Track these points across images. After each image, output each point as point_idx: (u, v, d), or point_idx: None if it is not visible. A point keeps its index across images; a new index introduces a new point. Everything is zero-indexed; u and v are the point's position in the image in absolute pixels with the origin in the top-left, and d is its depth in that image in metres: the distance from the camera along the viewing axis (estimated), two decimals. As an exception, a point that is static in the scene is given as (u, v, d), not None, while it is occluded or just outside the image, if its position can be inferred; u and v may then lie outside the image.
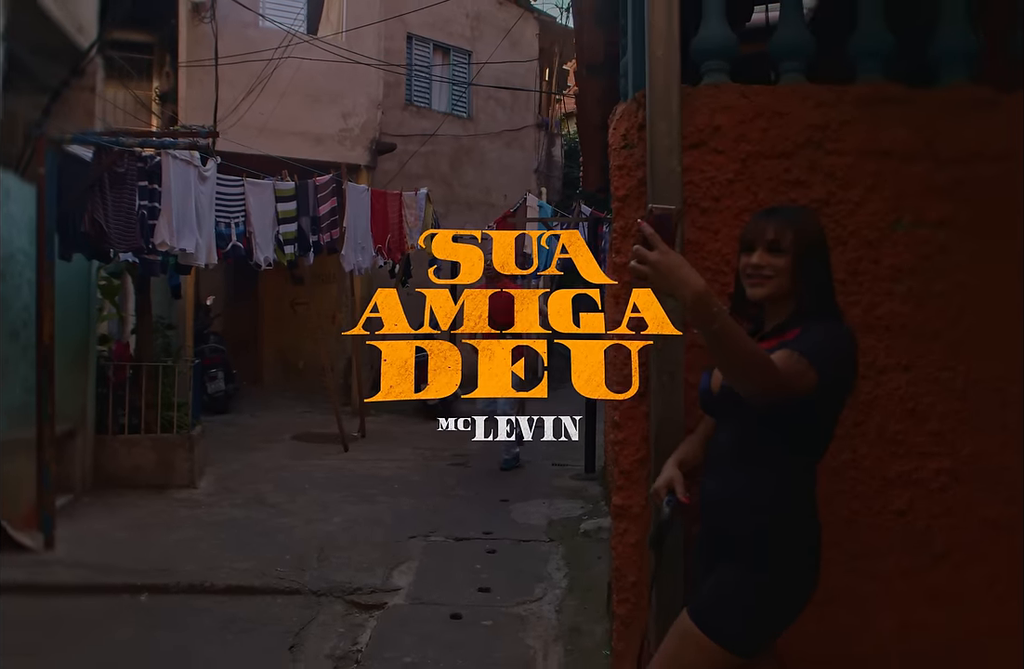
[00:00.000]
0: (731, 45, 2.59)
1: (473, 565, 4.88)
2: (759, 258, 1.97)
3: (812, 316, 1.98)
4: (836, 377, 1.93)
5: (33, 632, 3.73)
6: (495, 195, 13.66)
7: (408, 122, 12.61)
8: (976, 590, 2.56)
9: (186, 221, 5.39)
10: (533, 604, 4.29)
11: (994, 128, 2.53)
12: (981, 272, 2.55)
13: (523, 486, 6.94)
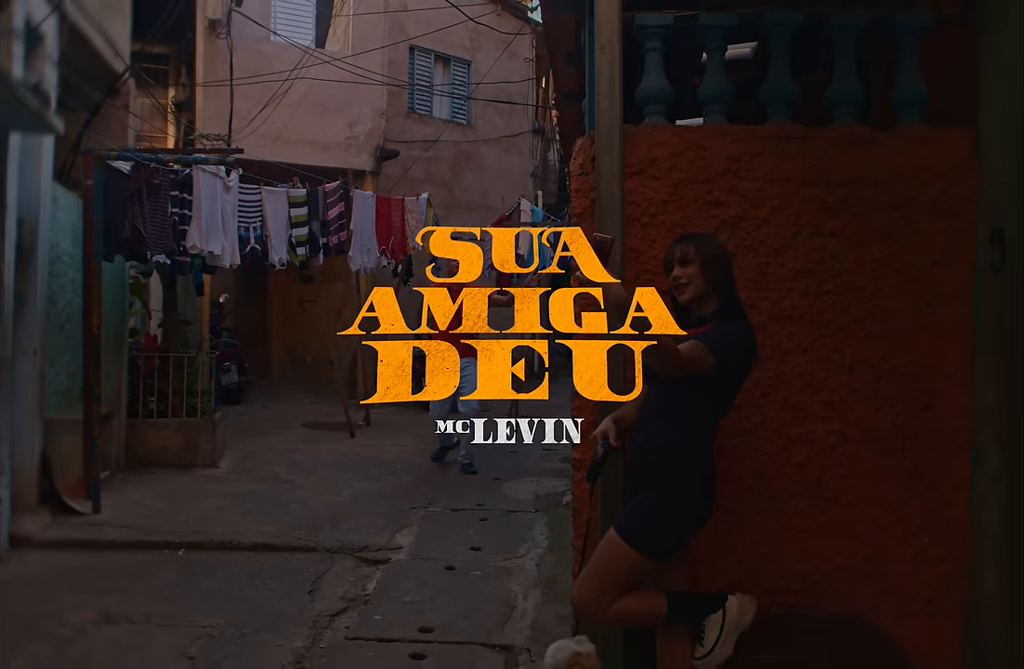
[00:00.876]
0: (666, 94, 3.25)
1: (466, 530, 5.56)
2: (676, 271, 2.65)
3: (723, 314, 2.65)
4: (731, 361, 2.60)
5: (97, 577, 4.41)
6: (493, 198, 14.32)
7: (411, 129, 13.27)
8: (859, 525, 3.22)
9: (213, 226, 6.07)
10: (517, 560, 4.96)
11: (872, 159, 3.19)
12: (863, 273, 3.21)
13: (514, 467, 7.62)
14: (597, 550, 2.68)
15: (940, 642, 3.22)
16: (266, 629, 3.85)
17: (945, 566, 3.24)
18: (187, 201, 6.05)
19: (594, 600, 2.62)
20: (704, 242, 2.67)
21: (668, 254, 2.70)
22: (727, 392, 2.70)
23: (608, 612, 2.62)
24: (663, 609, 2.65)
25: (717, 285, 2.65)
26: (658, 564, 2.64)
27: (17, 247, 4.64)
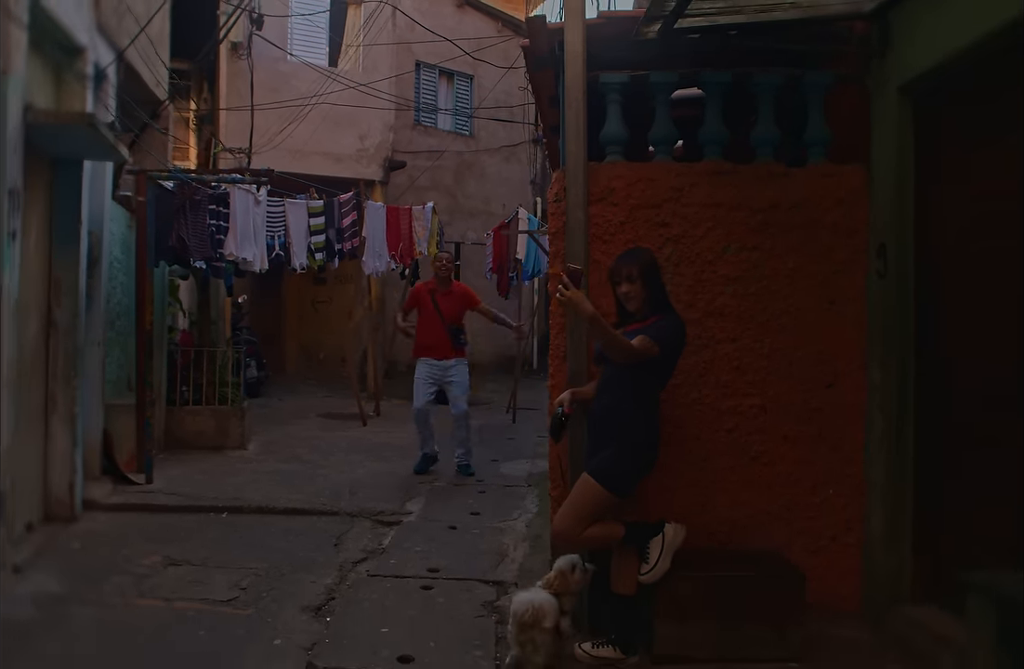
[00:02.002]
0: (623, 137, 4.09)
1: (467, 500, 6.40)
2: (625, 288, 3.50)
3: (658, 312, 3.50)
4: (670, 347, 3.45)
5: (157, 532, 5.27)
6: (494, 204, 15.18)
7: (417, 140, 14.14)
8: (776, 479, 4.06)
9: (247, 236, 6.94)
10: (511, 522, 5.81)
11: (786, 189, 4.03)
12: (779, 279, 4.05)
13: (511, 451, 8.47)
14: (573, 491, 3.53)
15: (842, 571, 4.07)
16: (301, 571, 4.69)
17: (846, 512, 4.08)
18: (223, 213, 6.91)
19: (570, 529, 3.47)
20: (644, 261, 3.52)
21: (615, 270, 3.54)
22: (667, 369, 3.55)
23: (580, 537, 3.47)
24: (620, 534, 3.50)
25: (654, 292, 3.49)
26: (620, 501, 3.48)
27: (87, 256, 5.49)
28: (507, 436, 9.49)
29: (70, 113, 4.75)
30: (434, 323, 7.03)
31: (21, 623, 3.78)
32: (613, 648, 3.55)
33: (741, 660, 3.55)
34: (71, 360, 5.28)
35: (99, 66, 5.60)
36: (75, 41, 5.20)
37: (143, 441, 6.27)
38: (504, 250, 10.64)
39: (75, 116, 4.55)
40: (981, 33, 3.18)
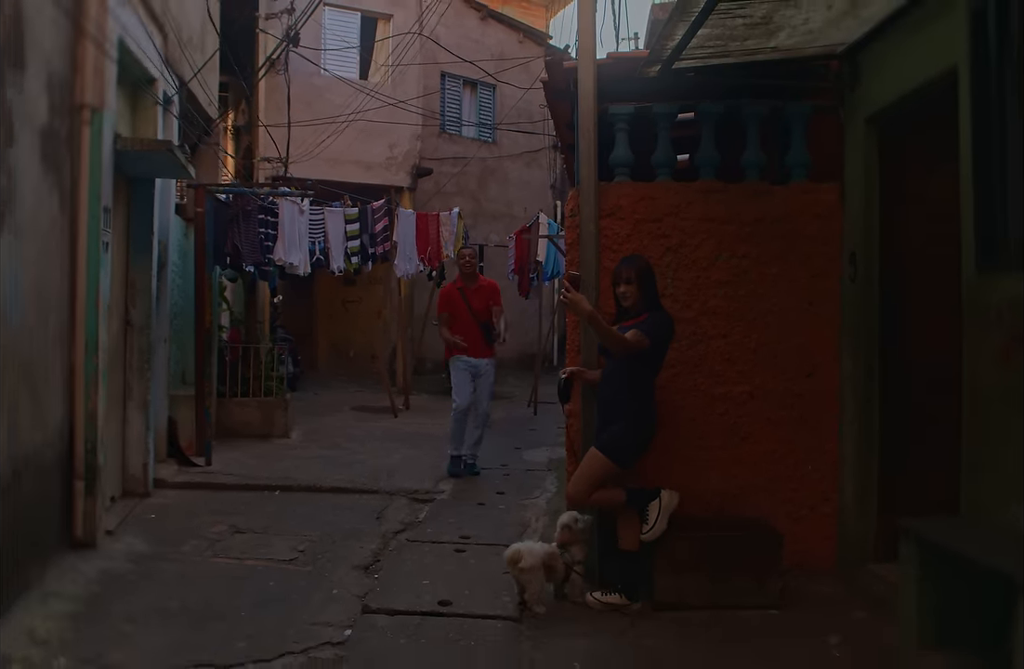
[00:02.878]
0: (629, 160, 4.75)
1: (493, 481, 7.08)
2: (623, 288, 4.16)
3: (650, 309, 4.15)
4: (660, 340, 4.11)
5: (220, 506, 5.98)
6: (516, 208, 15.85)
7: (442, 147, 14.83)
8: (763, 457, 4.70)
9: (293, 243, 7.65)
10: (532, 500, 6.47)
11: (770, 205, 4.67)
12: (765, 283, 4.68)
13: (533, 440, 9.14)
14: (582, 463, 4.19)
15: (820, 536, 4.71)
16: (350, 538, 5.37)
17: (823, 484, 4.72)
18: (270, 222, 7.63)
19: (580, 492, 4.13)
20: (639, 266, 4.17)
21: (616, 273, 4.20)
22: (658, 359, 4.21)
23: (589, 500, 4.13)
24: (622, 498, 4.16)
25: (647, 292, 4.14)
26: (621, 472, 4.14)
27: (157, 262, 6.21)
28: (529, 427, 10.16)
29: (153, 141, 5.47)
30: (467, 321, 7.14)
31: (122, 574, 4.49)
32: (619, 596, 4.21)
33: (728, 607, 4.19)
34: (144, 355, 6.00)
35: (167, 94, 6.31)
36: (149, 74, 5.91)
37: (203, 428, 6.99)
38: (525, 253, 11.30)
39: (157, 143, 5.26)
40: (925, 76, 3.81)
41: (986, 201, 3.26)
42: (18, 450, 3.89)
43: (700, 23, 3.66)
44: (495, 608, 4.16)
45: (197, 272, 7.08)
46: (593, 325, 3.99)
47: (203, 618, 3.95)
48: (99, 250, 4.81)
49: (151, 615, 3.95)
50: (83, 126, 4.69)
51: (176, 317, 7.62)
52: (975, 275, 3.39)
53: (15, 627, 3.64)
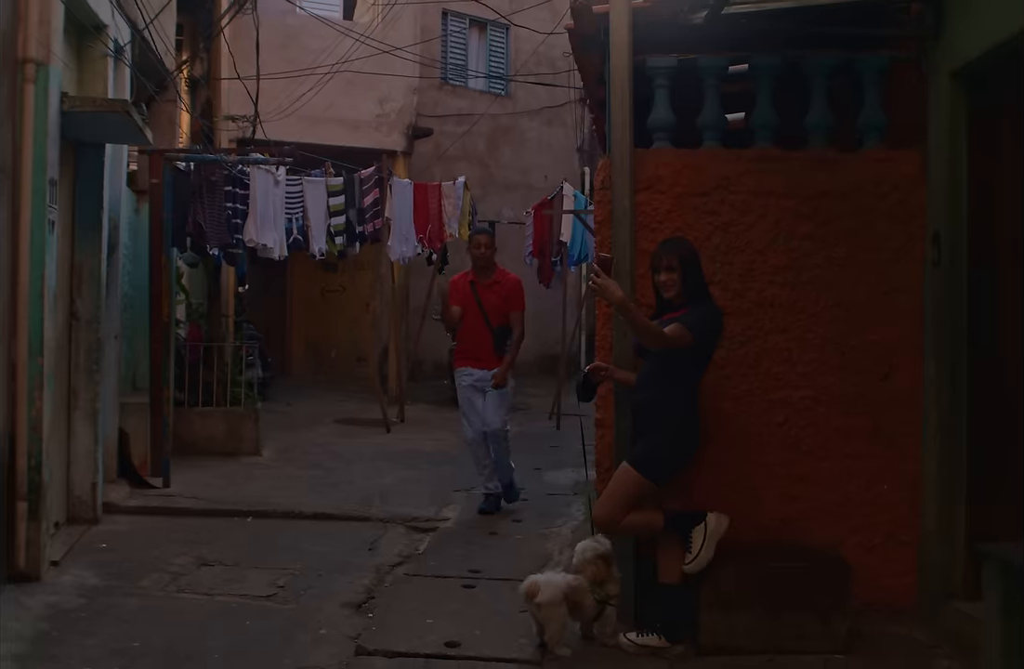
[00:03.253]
0: (670, 123, 4.99)
1: (508, 507, 7.34)
2: (664, 277, 4.41)
3: (694, 299, 4.40)
4: (705, 336, 4.36)
5: (183, 535, 6.27)
6: (535, 176, 16.11)
7: (444, 102, 15.14)
8: (829, 474, 4.94)
9: (267, 220, 7.95)
10: (555, 529, 6.74)
11: (837, 175, 4.90)
12: (831, 268, 4.92)
13: (555, 461, 9.41)
14: (612, 479, 4.45)
15: (897, 569, 4.94)
16: (337, 572, 5.65)
17: (901, 508, 4.95)
18: (239, 195, 7.92)
19: (610, 516, 4.39)
20: (681, 250, 4.41)
21: (656, 258, 4.45)
22: (703, 358, 4.46)
23: (620, 524, 4.39)
24: (660, 523, 4.41)
25: (691, 281, 4.39)
26: (658, 490, 4.39)
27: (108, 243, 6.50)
28: (551, 444, 10.41)
29: (107, 100, 5.76)
30: (476, 323, 6.98)
31: (73, 610, 4.78)
32: (658, 637, 4.46)
33: (787, 651, 4.43)
34: (93, 354, 6.29)
35: (118, 43, 6.60)
36: (98, 19, 6.20)
37: (159, 442, 7.29)
38: (546, 231, 11.57)
39: (111, 103, 5.55)
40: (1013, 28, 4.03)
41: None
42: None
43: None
44: (510, 651, 4.42)
45: (152, 255, 7.37)
46: (625, 315, 4.23)
47: (170, 662, 4.24)
48: (44, 230, 5.10)
49: (110, 657, 4.24)
50: (26, 84, 4.98)
51: (126, 309, 7.92)
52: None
53: (-45, 669, 3.93)
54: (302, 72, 11.50)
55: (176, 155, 7.43)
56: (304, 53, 12.38)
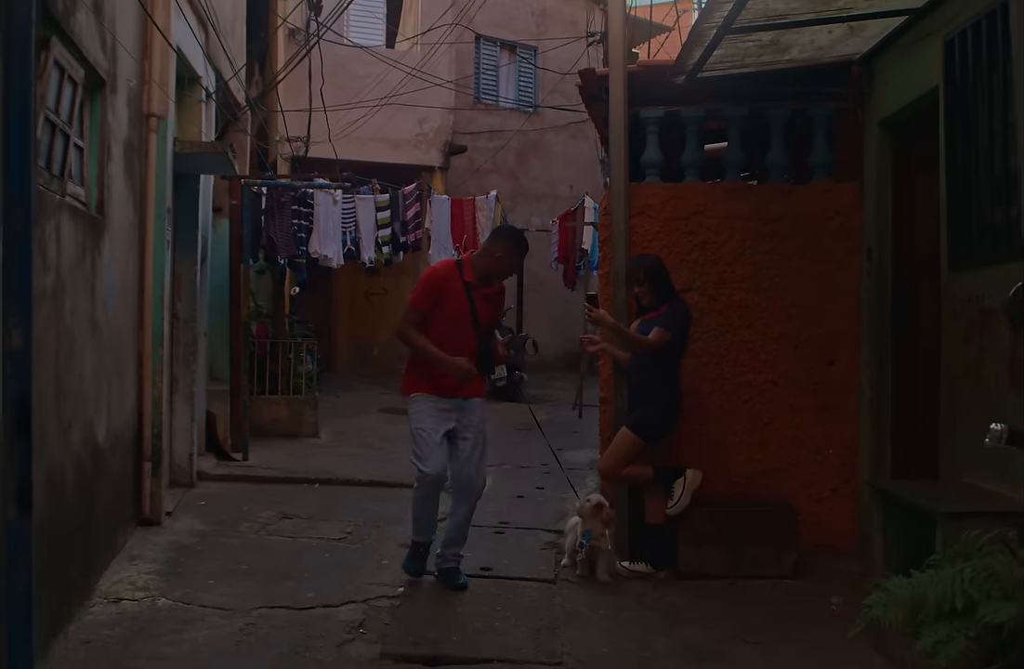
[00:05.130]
0: (659, 161, 6.27)
1: (533, 478, 8.65)
2: (638, 289, 5.70)
3: (666, 300, 5.68)
4: (679, 330, 5.64)
5: (264, 496, 7.61)
6: (561, 187, 17.40)
7: (477, 120, 16.44)
8: (785, 441, 6.19)
9: (327, 234, 9.30)
10: (571, 494, 8.00)
11: (792, 203, 6.16)
12: (787, 278, 6.17)
13: (576, 442, 10.68)
14: (613, 441, 5.74)
15: (840, 517, 6.18)
16: (393, 523, 6.95)
17: (843, 468, 6.20)
18: (303, 213, 9.28)
19: (612, 468, 5.69)
20: (646, 265, 5.69)
21: (628, 274, 5.74)
22: (680, 347, 5.74)
23: (620, 474, 5.68)
24: (650, 474, 5.69)
25: (660, 288, 5.66)
26: (649, 448, 5.67)
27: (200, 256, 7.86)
28: (573, 429, 11.70)
29: (210, 143, 7.12)
30: (462, 335, 5.34)
31: (190, 546, 6.12)
32: (646, 565, 5.74)
33: (746, 576, 5.69)
34: (190, 347, 7.65)
35: (208, 90, 7.97)
36: (194, 72, 7.56)
37: (239, 423, 8.64)
38: (570, 240, 12.85)
39: (214, 146, 6.91)
40: (920, 90, 5.29)
41: (955, 212, 4.74)
42: (113, 427, 5.53)
43: (712, 48, 5.17)
44: (531, 573, 5.72)
45: (232, 265, 8.73)
46: (619, 335, 5.59)
47: (272, 577, 5.55)
48: (163, 248, 6.45)
49: (226, 574, 5.57)
50: (150, 134, 6.32)
51: (208, 311, 9.29)
52: (948, 273, 4.87)
53: (116, 578, 5.28)
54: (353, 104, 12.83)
55: (253, 180, 8.79)
56: (351, 79, 13.72)
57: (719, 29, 4.83)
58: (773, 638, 4.78)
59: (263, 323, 10.58)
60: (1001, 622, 3.01)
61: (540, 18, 17.50)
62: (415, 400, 5.45)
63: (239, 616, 4.85)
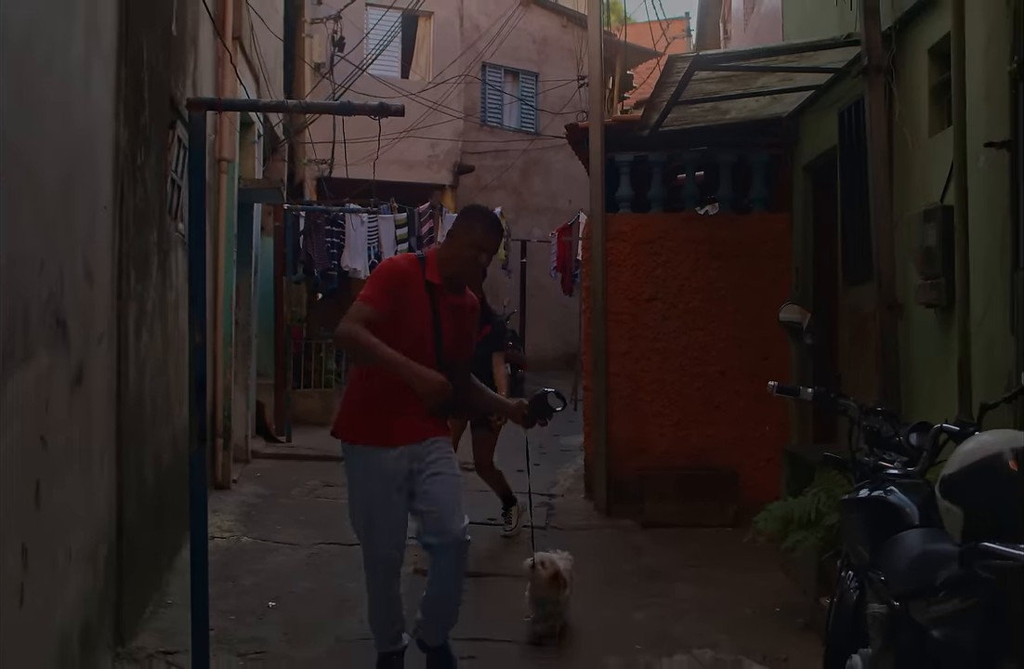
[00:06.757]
0: (630, 196, 7.82)
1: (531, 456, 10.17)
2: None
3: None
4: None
5: (308, 470, 9.16)
6: (560, 201, 18.96)
7: (483, 140, 18.01)
8: (731, 421, 7.73)
9: (356, 250, 10.86)
10: (563, 469, 9.58)
11: (736, 229, 7.71)
12: (732, 290, 7.72)
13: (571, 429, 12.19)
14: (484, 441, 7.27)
15: (774, 480, 7.71)
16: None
17: (777, 442, 7.73)
18: (335, 232, 10.86)
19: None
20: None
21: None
22: None
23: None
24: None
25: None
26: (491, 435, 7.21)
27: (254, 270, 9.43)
28: (568, 419, 13.19)
29: (268, 180, 8.71)
30: (420, 350, 3.86)
31: (256, 504, 7.69)
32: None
33: (695, 525, 7.22)
34: (247, 346, 9.22)
35: (259, 131, 9.55)
36: (251, 119, 9.13)
37: (283, 411, 10.22)
38: (567, 252, 14.38)
39: (270, 182, 8.49)
40: (826, 146, 6.84)
41: (845, 242, 6.30)
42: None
43: (666, 114, 6.72)
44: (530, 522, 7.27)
45: (276, 277, 10.30)
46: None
47: (324, 525, 7.10)
48: (232, 266, 8.02)
49: (288, 522, 7.14)
50: (222, 175, 7.88)
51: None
52: (842, 287, 6.43)
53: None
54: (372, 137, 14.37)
55: (295, 206, 10.36)
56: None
57: (667, 104, 6.40)
58: (710, 564, 6.33)
59: (297, 327, 12.16)
60: (831, 524, 4.56)
61: (541, 46, 19.06)
62: (352, 454, 4.12)
63: (304, 548, 6.43)
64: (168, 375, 5.81)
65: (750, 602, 5.45)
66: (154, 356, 5.29)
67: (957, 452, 2.53)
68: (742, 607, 5.38)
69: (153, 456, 5.32)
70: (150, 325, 5.13)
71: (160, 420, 5.59)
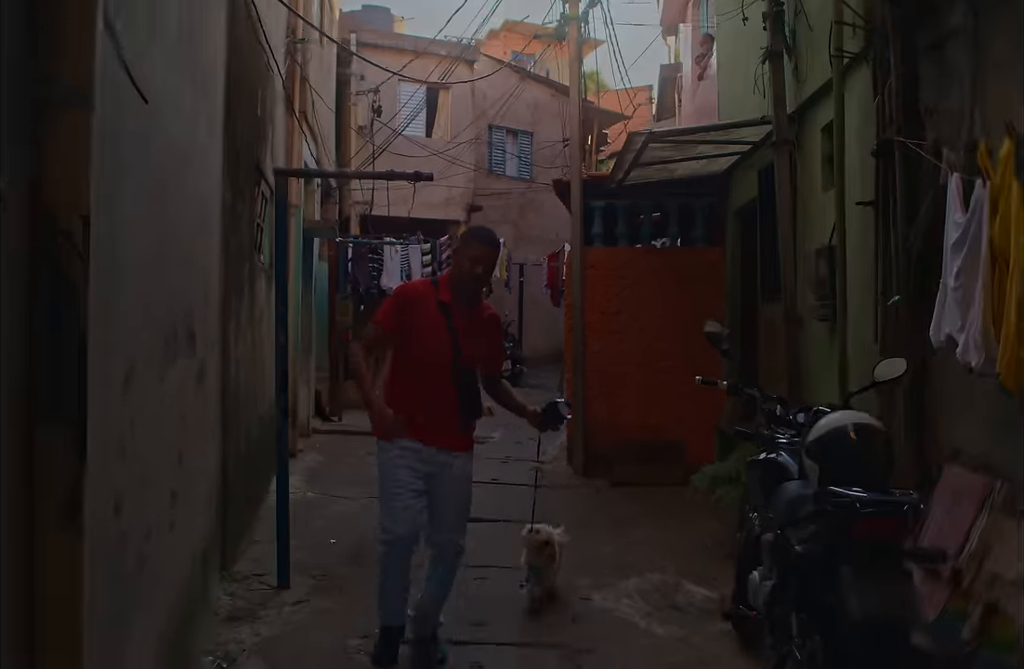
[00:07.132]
0: (602, 234, 8.23)
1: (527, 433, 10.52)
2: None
3: None
4: None
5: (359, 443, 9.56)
6: (549, 233, 19.29)
7: (490, 185, 18.40)
8: (681, 404, 8.14)
9: (391, 273, 11.28)
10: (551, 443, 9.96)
11: (683, 260, 8.12)
12: (682, 305, 8.13)
13: (557, 412, 12.64)
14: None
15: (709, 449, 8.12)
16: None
17: (714, 421, 8.13)
18: (376, 259, 11.27)
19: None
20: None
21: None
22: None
23: None
24: None
25: None
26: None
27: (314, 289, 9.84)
28: (556, 404, 13.65)
29: (326, 221, 9.13)
30: (437, 371, 3.76)
31: (318, 468, 8.11)
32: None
33: (654, 484, 7.63)
34: (308, 347, 9.62)
35: (319, 183, 9.96)
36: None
37: (336, 397, 10.61)
38: (555, 274, 14.78)
39: (328, 223, 8.91)
40: (750, 197, 7.25)
41: (763, 268, 6.71)
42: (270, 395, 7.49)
43: (628, 172, 7.14)
44: (522, 481, 7.68)
45: (330, 294, 10.71)
46: None
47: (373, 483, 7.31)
48: (300, 288, 8.43)
49: (345, 482, 7.54)
50: (291, 218, 8.29)
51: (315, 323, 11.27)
52: (760, 304, 6.84)
53: (281, 482, 7.26)
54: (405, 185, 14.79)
55: (346, 240, 10.78)
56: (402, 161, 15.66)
57: (628, 166, 6.82)
58: (664, 514, 6.71)
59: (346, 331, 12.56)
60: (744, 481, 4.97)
61: (534, 110, 19.46)
62: (385, 446, 3.89)
63: (359, 500, 6.84)
64: (255, 372, 6.21)
65: (690, 540, 5.87)
66: (246, 358, 5.70)
67: (817, 426, 2.95)
68: (683, 543, 5.80)
69: (245, 431, 5.72)
70: (243, 334, 5.54)
71: (249, 405, 5.97)
